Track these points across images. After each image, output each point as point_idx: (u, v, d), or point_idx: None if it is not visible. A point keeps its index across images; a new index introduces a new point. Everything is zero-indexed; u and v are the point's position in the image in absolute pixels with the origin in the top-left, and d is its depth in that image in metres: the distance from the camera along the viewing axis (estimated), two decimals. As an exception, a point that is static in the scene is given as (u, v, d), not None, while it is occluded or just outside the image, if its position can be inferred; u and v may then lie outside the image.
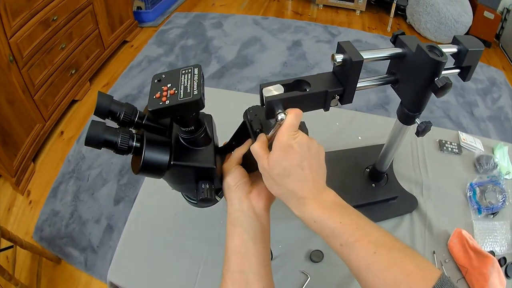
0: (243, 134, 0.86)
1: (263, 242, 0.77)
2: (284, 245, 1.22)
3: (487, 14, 4.33)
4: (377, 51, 0.87)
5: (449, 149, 1.57)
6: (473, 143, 1.60)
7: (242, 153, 0.84)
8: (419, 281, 0.59)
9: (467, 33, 4.45)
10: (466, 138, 1.61)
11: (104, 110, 0.71)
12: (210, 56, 3.87)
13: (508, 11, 4.44)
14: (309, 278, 1.15)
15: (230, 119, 0.92)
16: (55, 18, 2.78)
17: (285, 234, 1.25)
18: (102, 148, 0.69)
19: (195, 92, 0.67)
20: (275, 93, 0.75)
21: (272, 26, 4.44)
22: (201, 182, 0.78)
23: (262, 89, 0.76)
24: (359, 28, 4.65)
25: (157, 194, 1.32)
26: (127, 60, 3.80)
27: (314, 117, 0.89)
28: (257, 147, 0.72)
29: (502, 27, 4.58)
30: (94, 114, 0.72)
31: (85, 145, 0.67)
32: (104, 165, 2.74)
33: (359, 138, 1.57)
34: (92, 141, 0.66)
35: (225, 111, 1.05)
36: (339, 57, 0.79)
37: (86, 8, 3.17)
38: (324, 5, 5.01)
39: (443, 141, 1.59)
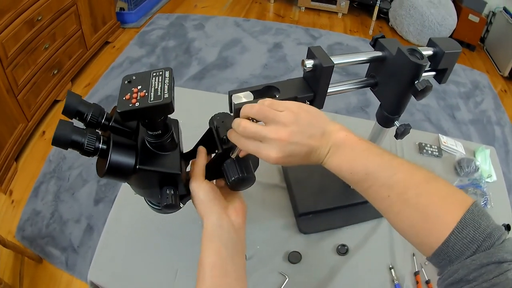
0: (209, 141, 0.85)
1: (241, 258, 0.76)
2: (262, 246, 1.23)
3: (472, 17, 4.37)
4: (353, 55, 0.86)
5: (429, 152, 1.56)
6: (454, 146, 1.59)
7: (204, 164, 0.82)
8: (435, 227, 0.60)
9: (450, 37, 4.47)
10: (446, 141, 1.61)
11: (72, 109, 0.70)
12: (191, 57, 3.88)
13: (493, 14, 4.49)
14: (287, 279, 1.15)
15: (204, 121, 0.90)
16: (39, 18, 2.79)
17: (263, 235, 1.25)
18: None
19: (166, 96, 0.66)
20: (245, 100, 0.75)
21: (253, 28, 4.47)
22: (165, 187, 0.76)
23: (231, 96, 0.75)
24: (340, 31, 4.68)
25: (136, 194, 1.32)
26: (109, 61, 3.79)
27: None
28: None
29: (487, 30, 4.62)
30: (62, 113, 0.71)
31: (52, 144, 0.66)
32: (84, 166, 2.76)
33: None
34: (59, 141, 0.65)
35: (200, 112, 1.02)
36: (309, 63, 0.79)
37: (70, 9, 3.17)
38: (306, 8, 5.04)
39: (423, 144, 1.58)
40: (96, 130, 0.72)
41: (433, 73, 0.94)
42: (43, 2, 2.81)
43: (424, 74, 0.92)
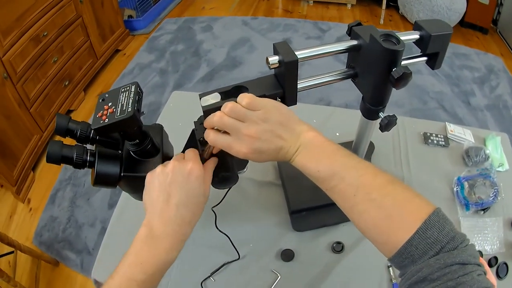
0: (194, 143, 0.85)
1: None
2: (255, 244, 1.23)
3: (481, -1, 4.20)
4: (324, 46, 0.83)
5: (435, 141, 1.49)
6: (462, 134, 1.51)
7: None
8: (399, 226, 0.61)
9: (461, 21, 4.43)
10: (454, 130, 1.53)
11: (62, 128, 0.77)
12: (200, 59, 3.91)
13: (503, -5, 4.28)
14: (279, 277, 1.15)
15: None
16: (45, 33, 2.87)
17: (256, 233, 1.25)
18: None
19: (129, 109, 0.71)
20: (212, 101, 0.75)
21: (261, 26, 4.47)
22: None
23: (200, 98, 0.76)
24: (350, 22, 4.59)
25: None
26: (120, 68, 3.85)
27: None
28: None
29: (499, 12, 4.44)
30: (55, 132, 0.77)
31: (47, 162, 0.73)
32: (99, 171, 2.84)
33: (337, 134, 1.54)
34: (52, 158, 0.72)
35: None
36: (273, 60, 0.77)
37: (76, 22, 3.25)
38: (314, 1, 5.02)
39: (428, 134, 1.51)
40: (85, 145, 0.79)
41: (424, 58, 0.89)
42: (47, 19, 2.89)
43: (414, 61, 0.89)
